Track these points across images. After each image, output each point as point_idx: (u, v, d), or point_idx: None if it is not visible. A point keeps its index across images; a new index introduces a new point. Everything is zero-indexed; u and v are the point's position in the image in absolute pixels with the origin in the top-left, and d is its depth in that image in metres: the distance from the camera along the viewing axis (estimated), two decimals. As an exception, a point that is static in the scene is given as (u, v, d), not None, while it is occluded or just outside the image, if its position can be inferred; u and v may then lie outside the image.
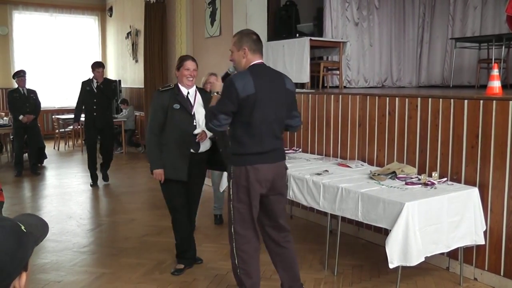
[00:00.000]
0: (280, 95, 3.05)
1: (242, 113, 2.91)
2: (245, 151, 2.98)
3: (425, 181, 3.73)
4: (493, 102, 3.61)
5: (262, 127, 2.96)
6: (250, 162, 2.97)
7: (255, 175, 2.97)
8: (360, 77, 8.00)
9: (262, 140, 2.97)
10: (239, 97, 2.86)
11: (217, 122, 2.92)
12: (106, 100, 7.20)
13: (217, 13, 7.65)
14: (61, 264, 4.14)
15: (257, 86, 2.90)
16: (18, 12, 12.37)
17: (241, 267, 3.09)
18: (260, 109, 2.92)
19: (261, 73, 3.00)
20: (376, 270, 3.97)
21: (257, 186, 2.99)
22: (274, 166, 3.05)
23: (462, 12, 7.90)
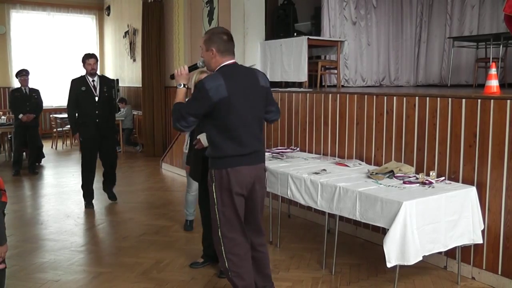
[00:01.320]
0: (255, 94, 2.99)
1: (217, 116, 2.86)
2: (224, 154, 2.91)
3: (423, 180, 3.74)
4: (491, 101, 3.62)
5: (240, 129, 2.90)
6: (231, 165, 2.91)
7: (236, 177, 2.92)
8: (358, 76, 8.01)
9: (241, 142, 2.92)
10: (212, 101, 2.80)
11: (185, 123, 2.88)
12: (109, 102, 5.91)
13: (215, 12, 7.65)
14: (59, 263, 4.14)
15: (229, 88, 2.83)
16: (16, 11, 12.35)
17: (232, 270, 3.04)
18: (236, 111, 2.86)
19: (233, 74, 2.92)
20: (374, 269, 3.97)
21: (238, 188, 2.94)
22: (254, 168, 3.00)
23: (459, 11, 7.90)
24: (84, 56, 5.78)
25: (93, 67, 5.71)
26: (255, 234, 3.18)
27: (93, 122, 5.71)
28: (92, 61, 5.71)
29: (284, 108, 5.72)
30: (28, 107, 7.96)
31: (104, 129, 5.78)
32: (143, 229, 4.99)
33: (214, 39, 2.94)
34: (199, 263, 4.03)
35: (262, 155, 3.13)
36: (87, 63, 5.71)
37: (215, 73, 2.93)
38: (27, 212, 5.75)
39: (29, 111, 7.95)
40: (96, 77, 5.78)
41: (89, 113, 5.70)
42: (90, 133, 5.72)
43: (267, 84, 3.12)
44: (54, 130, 11.31)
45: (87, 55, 5.77)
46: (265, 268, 3.27)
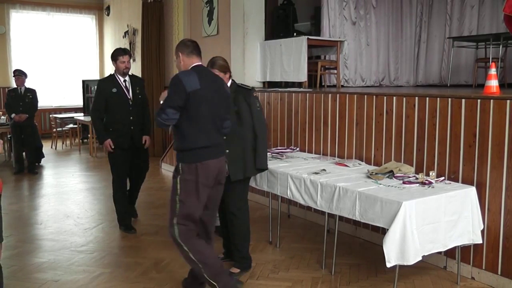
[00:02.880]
0: (220, 94, 3.29)
1: (189, 107, 3.08)
2: (193, 145, 3.13)
3: (422, 180, 3.74)
4: (491, 101, 3.62)
5: (208, 121, 3.17)
6: (199, 159, 3.14)
7: (204, 171, 3.15)
8: (358, 76, 8.01)
9: (209, 133, 3.18)
10: (186, 91, 3.05)
11: (165, 116, 3.06)
12: (143, 106, 4.99)
13: (215, 12, 7.65)
14: (58, 264, 4.13)
15: (201, 82, 3.12)
16: (16, 11, 12.34)
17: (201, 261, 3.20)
18: (206, 103, 3.14)
19: (203, 72, 3.24)
20: (373, 269, 3.97)
21: (204, 181, 3.17)
22: (218, 161, 3.25)
23: (459, 11, 7.91)
24: (116, 52, 4.85)
25: (127, 65, 4.80)
26: (211, 224, 3.45)
27: (126, 130, 4.80)
28: (126, 58, 4.80)
29: (283, 108, 5.72)
30: (21, 107, 7.93)
31: (139, 138, 4.90)
32: (143, 229, 4.99)
33: (179, 46, 3.32)
34: (221, 257, 4.04)
35: (223, 148, 3.37)
36: (120, 61, 4.78)
37: (188, 69, 3.24)
38: (26, 212, 5.75)
39: (22, 111, 7.91)
40: (127, 77, 4.89)
41: (121, 119, 4.78)
42: (123, 144, 4.81)
43: (229, 91, 3.46)
44: (53, 130, 11.30)
45: (121, 51, 4.85)
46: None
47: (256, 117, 3.81)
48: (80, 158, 9.84)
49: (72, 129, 11.26)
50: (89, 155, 9.95)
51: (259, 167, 3.89)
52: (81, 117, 10.88)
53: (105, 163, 8.97)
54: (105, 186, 7.12)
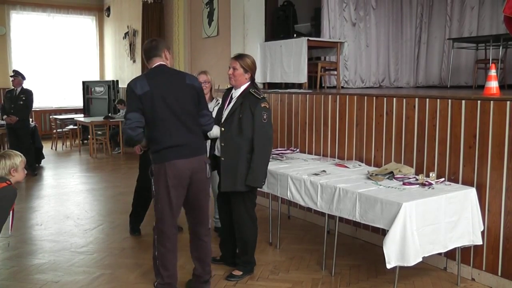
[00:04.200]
0: (180, 90, 3.24)
1: (145, 111, 3.12)
2: (158, 147, 3.17)
3: (422, 181, 3.74)
4: (491, 102, 3.62)
5: (167, 121, 3.15)
6: (166, 159, 3.15)
7: (173, 171, 3.14)
8: (357, 78, 8.01)
9: (171, 133, 3.16)
10: (137, 94, 3.09)
11: (129, 121, 3.09)
12: None
13: (215, 13, 7.66)
14: (59, 265, 4.13)
15: (151, 84, 3.14)
16: (16, 12, 12.35)
17: (159, 259, 3.33)
18: (162, 103, 3.13)
19: (156, 73, 3.25)
20: (373, 271, 3.97)
21: (175, 181, 3.16)
22: (190, 161, 3.20)
23: (459, 12, 7.91)
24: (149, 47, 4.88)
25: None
26: (199, 224, 3.44)
27: None
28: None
29: (284, 109, 5.72)
30: (12, 109, 7.85)
31: None
32: (143, 230, 4.98)
33: (143, 52, 3.39)
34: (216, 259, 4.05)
35: (199, 148, 3.30)
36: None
37: (139, 75, 3.34)
38: (26, 213, 5.75)
39: (13, 113, 7.81)
40: None
41: None
42: None
43: (196, 84, 3.38)
44: (54, 131, 11.31)
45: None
46: (206, 257, 3.50)
47: (257, 129, 3.57)
48: (80, 159, 9.84)
49: (72, 130, 11.26)
50: (89, 156, 9.95)
51: (250, 184, 3.61)
52: (81, 118, 10.88)
53: (105, 164, 9.02)
54: (105, 187, 7.13)
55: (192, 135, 3.25)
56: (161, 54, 3.30)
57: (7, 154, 3.35)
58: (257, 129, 3.57)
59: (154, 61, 3.29)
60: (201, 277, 3.50)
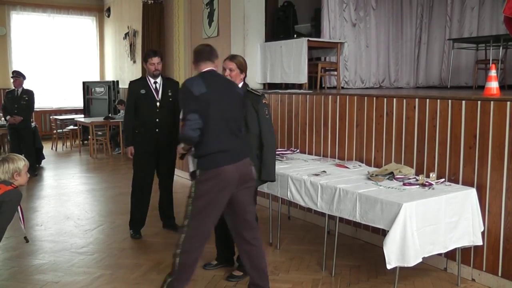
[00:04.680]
0: (232, 97, 3.28)
1: (199, 112, 3.07)
2: (208, 150, 3.11)
3: (422, 181, 3.74)
4: (491, 103, 3.62)
5: (220, 125, 3.13)
6: (217, 164, 3.09)
7: (220, 177, 3.09)
8: (357, 78, 8.01)
9: (220, 138, 3.13)
10: (194, 95, 3.06)
11: (190, 122, 3.04)
12: (173, 110, 4.74)
13: (215, 13, 7.65)
14: (59, 265, 4.14)
15: (207, 86, 3.12)
16: (16, 12, 12.35)
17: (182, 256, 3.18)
18: (215, 106, 3.11)
19: (211, 77, 3.24)
20: (373, 271, 3.97)
21: (221, 187, 3.11)
22: (237, 166, 3.16)
23: (459, 13, 7.91)
24: (147, 54, 4.78)
25: (156, 67, 4.69)
26: (246, 228, 3.33)
27: (151, 133, 4.68)
28: (156, 59, 4.69)
29: (284, 109, 5.72)
30: (16, 109, 7.86)
31: (164, 143, 4.72)
32: (143, 230, 4.97)
33: (194, 55, 3.37)
34: (213, 264, 4.03)
35: (244, 151, 3.29)
36: (150, 62, 4.69)
37: (194, 75, 3.29)
38: (27, 214, 5.73)
39: (16, 113, 7.83)
40: (159, 78, 4.76)
41: (147, 121, 4.68)
42: (147, 147, 4.71)
43: (243, 94, 3.47)
44: (54, 131, 11.31)
45: (151, 53, 4.75)
46: (260, 262, 3.36)
47: (263, 125, 3.71)
48: (81, 159, 9.84)
49: (73, 131, 11.26)
50: (90, 156, 9.95)
51: (265, 179, 3.79)
52: (82, 119, 10.88)
53: (105, 165, 9.02)
54: (105, 187, 7.13)
55: (238, 140, 3.24)
56: (214, 61, 3.31)
57: (10, 158, 3.36)
58: (263, 125, 3.71)
59: (206, 65, 3.27)
60: (258, 285, 3.37)
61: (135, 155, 4.76)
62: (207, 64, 3.28)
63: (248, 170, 3.28)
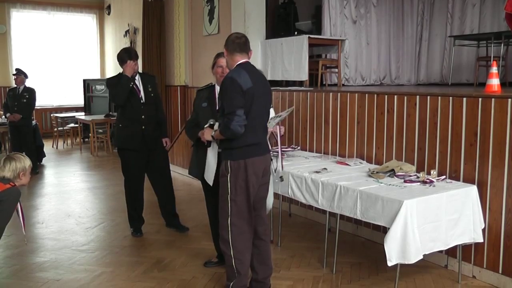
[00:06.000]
0: (268, 91, 3.32)
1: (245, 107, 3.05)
2: (242, 143, 3.10)
3: (423, 179, 3.74)
4: (492, 100, 3.61)
5: (257, 119, 3.15)
6: (247, 155, 3.12)
7: (253, 168, 3.14)
8: (358, 75, 8.01)
9: (256, 131, 3.16)
10: (242, 89, 3.01)
11: (239, 117, 2.99)
12: (156, 105, 4.79)
13: (216, 11, 7.65)
14: (60, 263, 4.14)
15: (252, 80, 3.09)
16: (16, 10, 12.34)
17: (236, 257, 3.21)
18: (257, 101, 3.12)
19: (252, 70, 3.18)
20: (374, 268, 3.98)
21: (253, 178, 3.16)
22: (265, 158, 3.26)
23: (460, 9, 7.90)
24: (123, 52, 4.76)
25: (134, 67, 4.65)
26: (259, 223, 3.37)
27: (137, 130, 4.61)
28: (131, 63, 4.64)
29: (284, 107, 5.72)
30: (16, 106, 7.86)
31: (152, 140, 4.68)
32: (144, 228, 4.98)
33: (227, 42, 3.22)
34: (213, 262, 4.03)
35: (268, 146, 3.40)
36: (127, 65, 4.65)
37: (236, 67, 3.15)
38: (28, 212, 5.75)
39: (16, 111, 7.83)
40: (137, 75, 4.71)
41: (132, 118, 4.60)
42: (135, 145, 4.62)
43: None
44: (55, 129, 11.31)
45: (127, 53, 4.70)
46: (267, 258, 3.42)
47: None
48: (81, 157, 9.85)
49: (73, 128, 11.26)
50: (90, 154, 9.96)
51: None
52: (82, 116, 10.88)
53: (106, 163, 9.03)
54: (106, 185, 7.14)
55: (265, 134, 3.33)
56: (247, 52, 3.22)
57: (17, 157, 3.37)
58: None
59: (241, 57, 3.17)
60: (261, 282, 3.39)
61: (124, 154, 4.70)
62: (243, 56, 3.19)
63: (269, 164, 3.36)
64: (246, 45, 3.21)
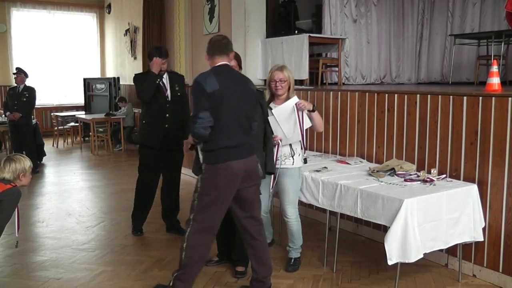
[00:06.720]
0: (244, 93, 3.23)
1: (210, 108, 3.06)
2: (215, 146, 3.11)
3: (424, 177, 3.74)
4: (492, 98, 3.61)
5: (229, 122, 3.11)
6: (220, 158, 3.11)
7: (227, 172, 3.11)
8: (358, 74, 8.01)
9: (229, 134, 3.12)
10: (207, 92, 3.03)
11: (201, 120, 3.03)
12: (182, 105, 4.66)
13: (216, 9, 7.64)
14: (60, 261, 4.14)
15: (220, 82, 3.08)
16: (16, 9, 12.34)
17: (187, 250, 3.21)
18: (227, 103, 3.09)
19: (223, 72, 3.17)
20: (375, 267, 3.98)
21: (226, 183, 3.13)
22: (243, 162, 3.17)
23: (461, 8, 7.89)
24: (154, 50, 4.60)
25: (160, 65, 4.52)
26: (252, 224, 3.35)
27: (160, 128, 4.53)
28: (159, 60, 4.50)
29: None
30: (16, 105, 7.84)
31: (173, 139, 4.55)
32: (144, 227, 4.98)
33: (208, 46, 3.26)
34: (214, 261, 4.03)
35: (253, 147, 3.30)
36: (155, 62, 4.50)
37: (207, 71, 3.21)
38: (28, 211, 5.75)
39: (16, 110, 7.81)
40: (165, 73, 4.63)
41: (156, 116, 4.53)
42: (154, 142, 4.56)
43: (255, 90, 3.38)
44: (55, 128, 11.31)
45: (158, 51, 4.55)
46: (265, 258, 3.40)
47: (266, 117, 3.73)
48: (82, 156, 9.85)
49: (74, 127, 11.26)
50: (91, 153, 9.96)
51: (270, 171, 3.79)
52: (83, 115, 10.88)
53: (107, 162, 9.03)
54: (106, 184, 7.14)
55: (247, 136, 3.23)
56: (228, 54, 3.24)
57: (17, 158, 3.38)
58: (266, 118, 3.74)
59: (220, 59, 3.20)
60: (262, 282, 3.38)
61: (143, 150, 4.67)
62: (222, 58, 3.21)
63: (254, 167, 3.28)
64: (227, 47, 3.24)
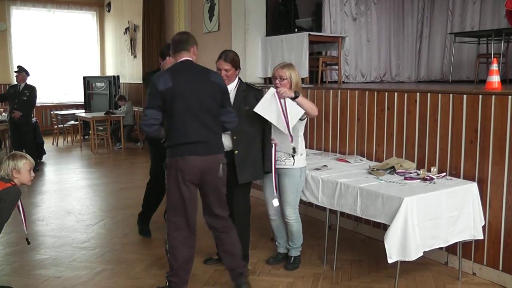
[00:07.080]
0: (203, 87, 3.20)
1: (165, 106, 3.12)
2: (173, 142, 3.17)
3: (424, 176, 3.74)
4: (492, 97, 3.61)
5: (185, 118, 3.13)
6: (180, 154, 3.14)
7: (184, 166, 3.13)
8: (358, 72, 8.00)
9: (187, 130, 3.13)
10: (159, 90, 3.08)
11: (145, 117, 3.11)
12: None
13: (216, 8, 7.64)
14: (60, 260, 4.15)
15: (174, 80, 3.11)
16: (16, 7, 12.33)
17: (170, 251, 3.29)
18: (180, 100, 3.11)
19: (180, 69, 3.21)
20: (375, 265, 3.98)
21: (186, 177, 3.14)
22: (202, 159, 3.16)
23: (461, 6, 7.88)
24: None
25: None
26: (213, 219, 3.37)
27: None
28: None
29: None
30: (16, 104, 7.83)
31: None
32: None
33: (172, 44, 3.31)
34: (214, 259, 4.03)
35: (215, 146, 3.25)
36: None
37: (163, 70, 3.27)
38: (28, 209, 5.75)
39: (16, 108, 7.80)
40: None
41: None
42: None
43: (220, 82, 3.34)
44: (55, 126, 11.31)
45: None
46: (232, 248, 3.41)
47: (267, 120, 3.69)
48: (82, 154, 9.85)
49: (74, 126, 11.26)
50: (91, 151, 9.95)
51: (268, 170, 3.77)
52: (82, 114, 10.88)
53: (107, 160, 9.03)
54: (106, 182, 7.14)
55: (209, 133, 3.19)
56: (189, 49, 3.25)
57: (12, 155, 3.41)
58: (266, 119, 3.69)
59: (182, 55, 3.23)
60: (233, 270, 3.43)
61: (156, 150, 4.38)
62: (182, 54, 3.24)
63: (212, 168, 3.19)
64: (188, 42, 3.25)
